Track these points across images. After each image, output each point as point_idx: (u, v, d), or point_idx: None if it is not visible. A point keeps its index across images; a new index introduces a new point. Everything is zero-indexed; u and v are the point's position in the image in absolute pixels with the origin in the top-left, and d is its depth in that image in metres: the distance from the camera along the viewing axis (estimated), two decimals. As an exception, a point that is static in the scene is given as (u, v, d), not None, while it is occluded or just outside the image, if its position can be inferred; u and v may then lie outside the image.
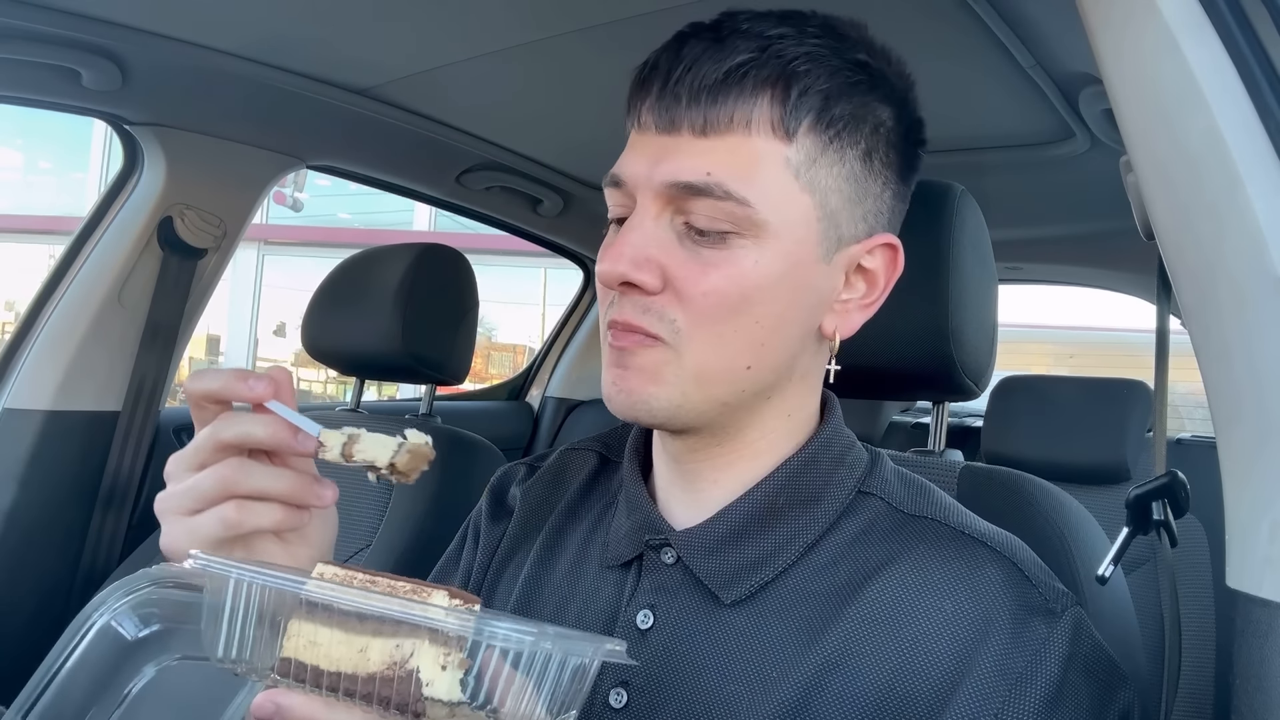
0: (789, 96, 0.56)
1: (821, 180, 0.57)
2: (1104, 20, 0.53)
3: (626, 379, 0.58)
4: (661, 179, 0.56)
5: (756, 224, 0.56)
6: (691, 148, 0.56)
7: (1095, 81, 1.17)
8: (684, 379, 0.57)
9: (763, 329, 0.58)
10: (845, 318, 0.62)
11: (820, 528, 0.61)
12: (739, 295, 0.56)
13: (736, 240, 0.56)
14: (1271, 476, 0.45)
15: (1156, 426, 0.68)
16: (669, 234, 0.57)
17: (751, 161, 0.56)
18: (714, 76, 0.55)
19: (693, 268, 0.56)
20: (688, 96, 0.56)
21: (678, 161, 0.56)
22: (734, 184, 0.55)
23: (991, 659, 0.54)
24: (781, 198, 0.56)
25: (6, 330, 6.90)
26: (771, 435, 0.63)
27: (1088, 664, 0.55)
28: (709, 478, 0.63)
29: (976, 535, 0.60)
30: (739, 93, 0.56)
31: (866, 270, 0.62)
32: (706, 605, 0.60)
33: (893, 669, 0.55)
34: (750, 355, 0.58)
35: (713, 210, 0.55)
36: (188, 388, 0.56)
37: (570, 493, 0.74)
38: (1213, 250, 0.47)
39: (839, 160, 0.58)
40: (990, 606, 0.56)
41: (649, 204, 0.57)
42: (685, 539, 0.62)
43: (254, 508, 0.55)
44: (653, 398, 0.58)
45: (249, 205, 1.63)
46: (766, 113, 0.56)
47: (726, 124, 0.56)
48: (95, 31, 1.17)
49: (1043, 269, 2.42)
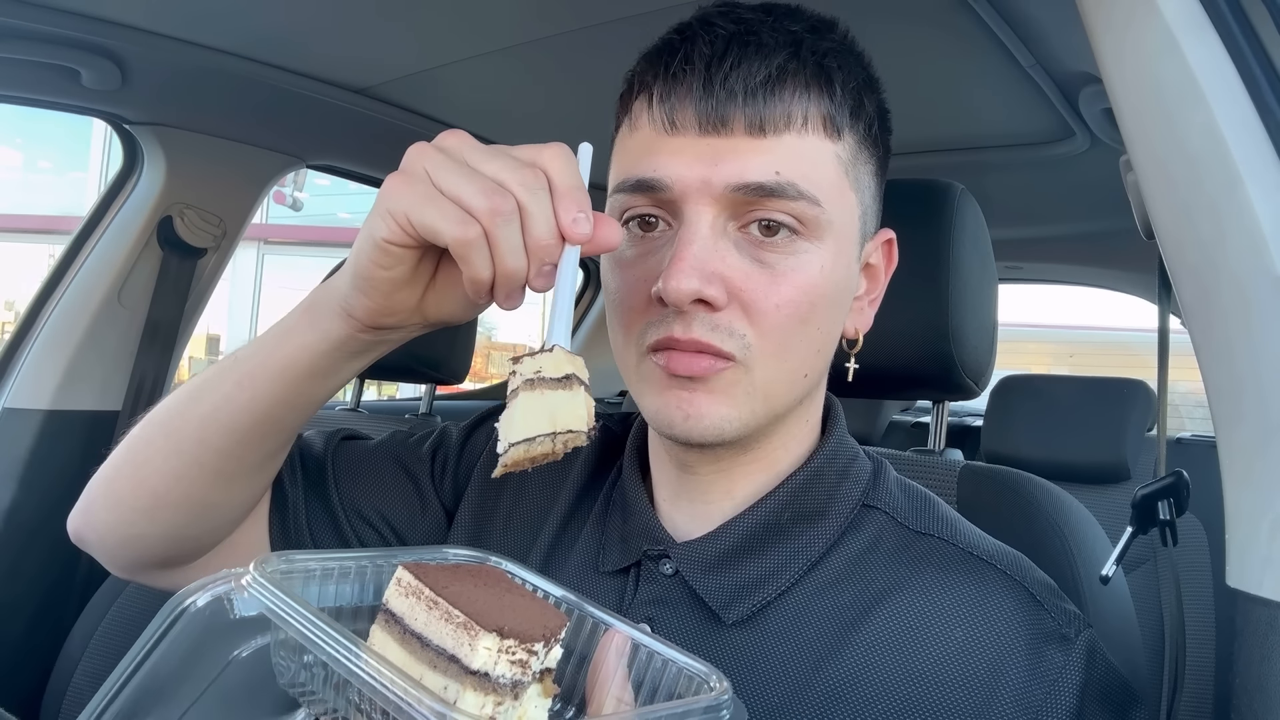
0: (834, 93, 0.54)
1: (861, 178, 0.57)
2: (1104, 20, 0.53)
3: (695, 403, 0.54)
4: (725, 181, 0.52)
5: (823, 225, 0.54)
6: (750, 147, 0.52)
7: (1095, 81, 1.16)
8: (755, 398, 0.55)
9: (822, 335, 0.56)
10: (860, 316, 0.62)
11: (824, 544, 0.59)
12: (809, 305, 0.54)
13: (802, 245, 0.54)
14: (1272, 476, 0.45)
15: (1159, 426, 0.68)
16: (727, 243, 0.53)
17: (812, 161, 0.53)
18: (764, 73, 0.52)
19: (760, 279, 0.53)
20: (744, 93, 0.52)
21: (739, 163, 0.52)
22: (804, 183, 0.52)
23: (1011, 693, 0.53)
24: (838, 197, 0.55)
25: (6, 330, 6.90)
26: (791, 443, 0.62)
27: (1102, 690, 0.54)
28: (723, 489, 0.61)
29: (984, 557, 0.58)
30: (792, 90, 0.53)
31: (871, 266, 0.62)
32: (707, 624, 0.58)
33: (903, 698, 0.54)
34: (809, 364, 0.56)
35: (782, 210, 0.52)
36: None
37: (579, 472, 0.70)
38: (1213, 249, 0.47)
39: (870, 157, 0.58)
40: (1004, 636, 0.54)
41: (704, 210, 0.53)
42: (685, 553, 0.60)
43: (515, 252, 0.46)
44: (725, 421, 0.54)
45: (249, 204, 1.63)
46: (818, 110, 0.54)
47: (784, 122, 0.53)
48: (95, 31, 1.17)
49: (1043, 268, 2.42)
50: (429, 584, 0.43)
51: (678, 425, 0.55)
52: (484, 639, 0.41)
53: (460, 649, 0.41)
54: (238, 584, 0.45)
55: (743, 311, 0.53)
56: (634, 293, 0.55)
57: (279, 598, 0.43)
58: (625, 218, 0.57)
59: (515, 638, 0.41)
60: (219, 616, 0.47)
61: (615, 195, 0.57)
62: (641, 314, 0.55)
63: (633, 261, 0.56)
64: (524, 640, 0.42)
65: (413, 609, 0.43)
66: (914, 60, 1.18)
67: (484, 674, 0.40)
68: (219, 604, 0.47)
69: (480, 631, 0.41)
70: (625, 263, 0.56)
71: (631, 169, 0.55)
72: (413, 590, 0.44)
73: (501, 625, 0.41)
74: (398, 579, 0.44)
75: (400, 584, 0.44)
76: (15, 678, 1.42)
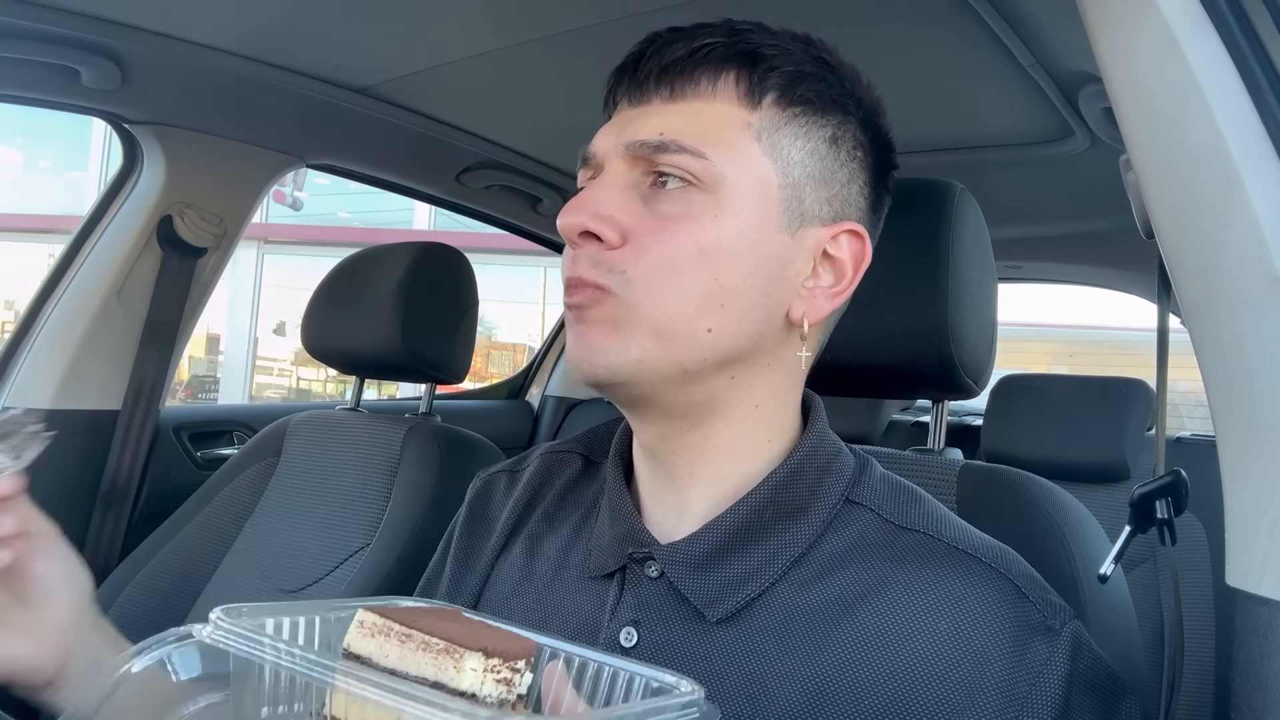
0: (755, 70, 0.59)
1: (784, 148, 0.59)
2: (1104, 19, 0.53)
3: (586, 334, 0.58)
4: (624, 140, 0.59)
5: (714, 178, 0.57)
6: (657, 111, 0.59)
7: (1095, 80, 1.17)
8: (643, 332, 0.57)
9: (721, 288, 0.57)
10: (812, 303, 0.61)
11: (807, 540, 0.60)
12: (696, 249, 0.57)
13: (695, 196, 0.57)
14: (1271, 474, 0.45)
15: (1158, 425, 0.68)
16: (633, 195, 0.59)
17: (712, 122, 0.58)
18: (684, 51, 0.59)
19: (650, 221, 0.58)
20: (659, 69, 0.59)
21: (641, 125, 0.59)
22: (689, 140, 0.57)
23: (995, 685, 0.53)
24: (741, 156, 0.58)
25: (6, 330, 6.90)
26: (741, 426, 0.61)
27: (1089, 680, 0.54)
28: (684, 472, 0.62)
29: (969, 550, 0.58)
30: (706, 65, 0.59)
31: (834, 258, 0.61)
32: (692, 623, 0.59)
33: (888, 693, 0.54)
34: (710, 316, 0.57)
35: (671, 164, 0.57)
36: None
37: (550, 497, 0.72)
38: (1213, 248, 0.47)
39: (803, 134, 0.60)
40: (988, 629, 0.54)
41: (616, 168, 0.59)
42: (669, 554, 0.60)
43: None
44: (612, 351, 0.57)
45: (249, 204, 1.63)
46: (732, 83, 0.59)
47: (693, 89, 0.59)
48: (94, 30, 1.17)
49: (1043, 267, 2.42)
50: (398, 620, 0.43)
51: (579, 360, 0.59)
52: (469, 659, 0.41)
53: (444, 674, 0.41)
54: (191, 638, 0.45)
55: (632, 251, 0.57)
56: (563, 230, 0.60)
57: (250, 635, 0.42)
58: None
59: (499, 656, 0.41)
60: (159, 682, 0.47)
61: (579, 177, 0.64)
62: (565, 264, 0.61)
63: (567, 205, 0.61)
64: (507, 659, 0.42)
65: (382, 648, 0.43)
66: (914, 60, 1.18)
67: (471, 694, 0.40)
68: (159, 668, 0.46)
69: (464, 652, 0.41)
70: (564, 208, 0.62)
71: None
72: (379, 629, 0.43)
73: (484, 646, 0.41)
74: (359, 621, 0.44)
75: (364, 625, 0.44)
76: (15, 677, 1.42)
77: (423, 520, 1.36)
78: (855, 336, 0.66)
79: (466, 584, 0.72)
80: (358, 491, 1.42)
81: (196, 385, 10.05)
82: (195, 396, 10.06)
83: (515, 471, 0.77)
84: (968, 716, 0.52)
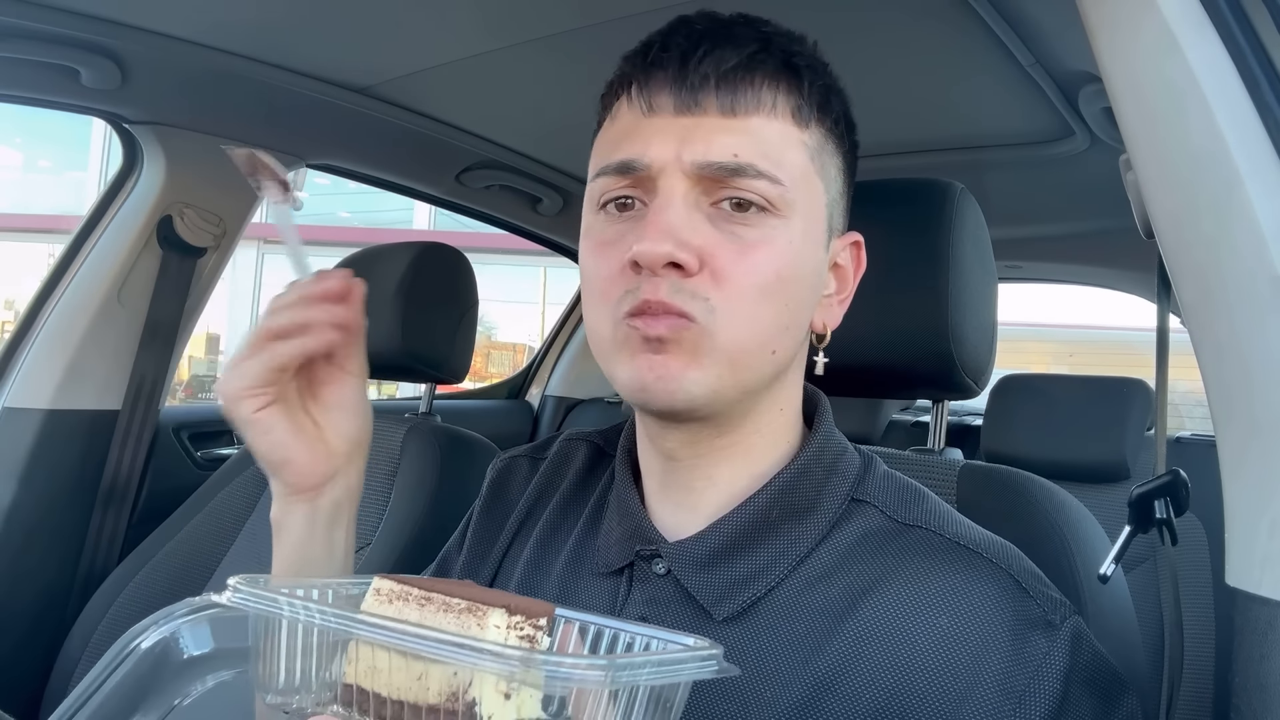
0: (803, 85, 0.58)
1: (828, 168, 0.60)
2: (1104, 19, 0.53)
3: (666, 364, 0.56)
4: (692, 159, 0.55)
5: (788, 203, 0.57)
6: (719, 127, 0.56)
7: (1095, 80, 1.17)
8: (720, 361, 0.56)
9: (790, 312, 0.58)
10: (829, 312, 0.64)
11: (813, 540, 0.60)
12: (775, 275, 0.56)
13: (771, 220, 0.56)
14: (1271, 474, 0.45)
15: (1157, 425, 0.68)
16: (698, 216, 0.56)
17: (777, 142, 0.57)
18: (736, 59, 0.56)
19: (730, 248, 0.56)
20: (716, 77, 0.56)
21: (707, 142, 0.55)
22: (765, 163, 0.56)
23: (994, 678, 0.53)
24: (803, 179, 0.58)
25: (6, 329, 6.90)
26: (766, 430, 0.62)
27: (1089, 675, 0.54)
28: (704, 474, 0.62)
29: (971, 545, 0.59)
30: (763, 77, 0.57)
31: (840, 267, 0.64)
32: (699, 620, 0.59)
33: (890, 687, 0.54)
34: (777, 339, 0.58)
35: (747, 189, 0.56)
36: None
37: (564, 486, 0.73)
38: (1212, 248, 0.47)
39: (836, 153, 0.61)
40: (988, 623, 0.55)
41: (677, 185, 0.56)
42: (676, 551, 0.61)
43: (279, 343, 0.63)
44: (693, 383, 0.56)
45: (248, 204, 1.63)
46: (786, 97, 0.58)
47: (754, 105, 0.57)
48: (94, 30, 1.17)
49: (1042, 267, 2.42)
50: (416, 584, 0.44)
51: (650, 387, 0.56)
52: (493, 616, 0.41)
53: (468, 632, 0.41)
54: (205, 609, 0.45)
55: (712, 278, 0.56)
56: (612, 266, 0.58)
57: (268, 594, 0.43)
58: (603, 200, 0.59)
59: (522, 614, 0.42)
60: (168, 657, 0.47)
61: (595, 180, 0.60)
62: (617, 284, 0.58)
63: (611, 240, 0.58)
64: (529, 616, 0.42)
65: (401, 612, 0.43)
66: (914, 59, 1.18)
67: None
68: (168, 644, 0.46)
69: (488, 609, 0.41)
70: (604, 242, 0.59)
71: (611, 153, 0.58)
72: (398, 595, 0.44)
73: (506, 604, 0.42)
74: (376, 589, 0.44)
75: (380, 593, 0.44)
76: (15, 678, 1.42)
77: (423, 520, 1.36)
78: (855, 336, 0.66)
79: (483, 567, 0.73)
80: (358, 491, 1.41)
81: (196, 385, 10.05)
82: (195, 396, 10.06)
83: (537, 458, 0.78)
84: (966, 709, 0.52)
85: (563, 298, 2.64)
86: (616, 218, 0.59)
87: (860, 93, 0.64)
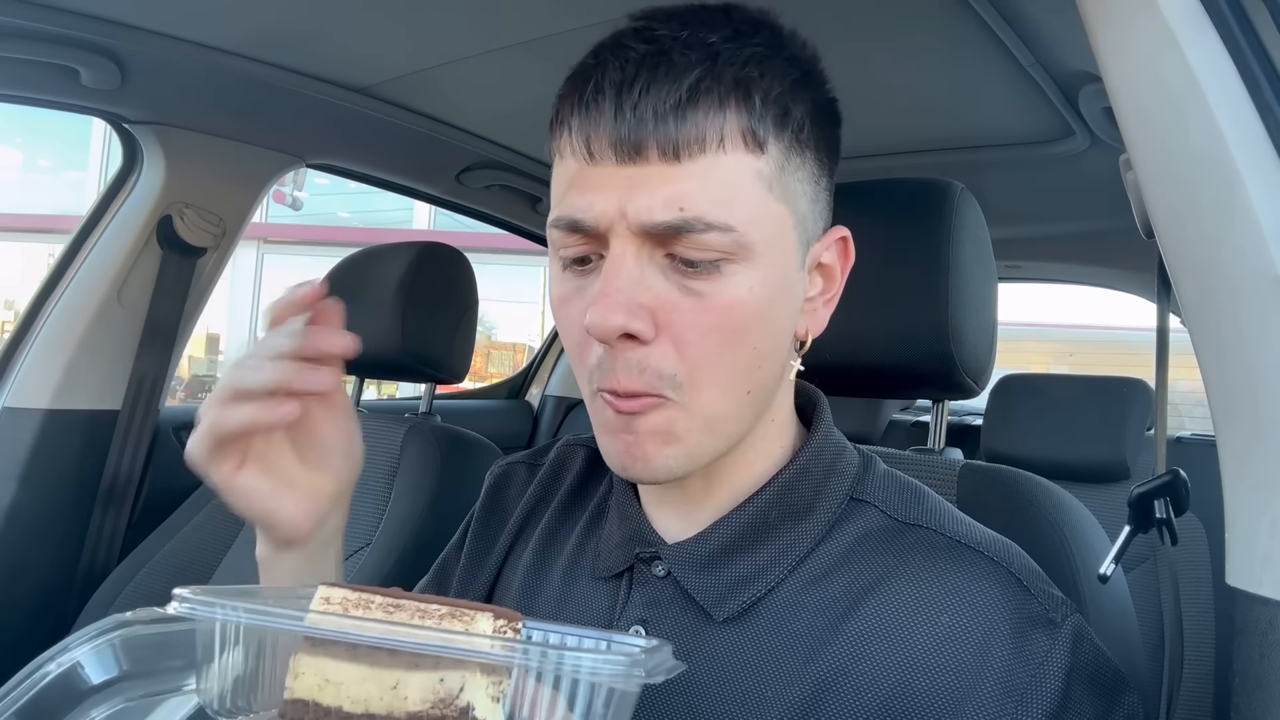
0: (753, 106, 0.53)
1: (791, 187, 0.55)
2: (1104, 18, 0.53)
3: (641, 445, 0.55)
4: (637, 219, 0.51)
5: (744, 246, 0.52)
6: (661, 176, 0.51)
7: (1095, 79, 1.17)
8: (695, 430, 0.55)
9: (759, 352, 0.56)
10: (813, 317, 0.61)
11: (813, 540, 0.60)
12: (738, 327, 0.54)
13: (728, 268, 0.53)
14: (1271, 474, 0.45)
15: (1158, 425, 0.68)
16: (653, 271, 0.53)
17: (727, 184, 0.52)
18: (674, 96, 0.51)
19: (686, 307, 0.53)
20: (654, 119, 0.51)
21: (649, 196, 0.51)
22: (714, 211, 0.51)
23: (995, 676, 0.53)
24: (761, 215, 0.53)
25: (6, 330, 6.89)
26: (760, 441, 0.62)
27: (1090, 673, 0.54)
28: (701, 490, 0.62)
29: (972, 544, 0.59)
30: (705, 109, 0.51)
31: (824, 265, 0.61)
32: (698, 622, 0.59)
33: (891, 687, 0.54)
34: (749, 380, 0.56)
35: (697, 244, 0.52)
36: None
37: (564, 490, 0.73)
38: (1212, 248, 0.47)
39: (801, 164, 0.56)
40: (989, 621, 0.55)
41: (627, 243, 0.52)
42: (675, 553, 0.61)
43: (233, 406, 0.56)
44: (671, 459, 0.55)
45: (248, 204, 1.63)
46: (735, 125, 0.52)
47: (699, 144, 0.51)
48: (94, 30, 1.17)
49: (1042, 267, 2.42)
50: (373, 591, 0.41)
51: (629, 468, 0.56)
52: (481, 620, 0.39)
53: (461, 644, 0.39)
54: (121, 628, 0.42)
55: (673, 345, 0.53)
56: (576, 329, 0.55)
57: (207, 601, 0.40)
58: (560, 257, 0.56)
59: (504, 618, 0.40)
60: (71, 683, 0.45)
61: (550, 229, 0.56)
62: (585, 350, 0.56)
63: (570, 298, 0.56)
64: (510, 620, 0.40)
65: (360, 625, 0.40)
66: (913, 59, 1.18)
67: None
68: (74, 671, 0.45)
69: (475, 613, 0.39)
70: (565, 300, 0.57)
71: (559, 205, 0.55)
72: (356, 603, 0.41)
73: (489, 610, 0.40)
74: (325, 598, 0.41)
75: (331, 601, 0.41)
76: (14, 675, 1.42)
77: (423, 520, 1.36)
78: (855, 337, 0.66)
79: (480, 573, 0.73)
80: (357, 491, 1.40)
81: (196, 385, 10.04)
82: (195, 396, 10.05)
83: (534, 465, 0.77)
84: (967, 708, 0.52)
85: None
86: (578, 271, 0.56)
87: (860, 93, 0.64)
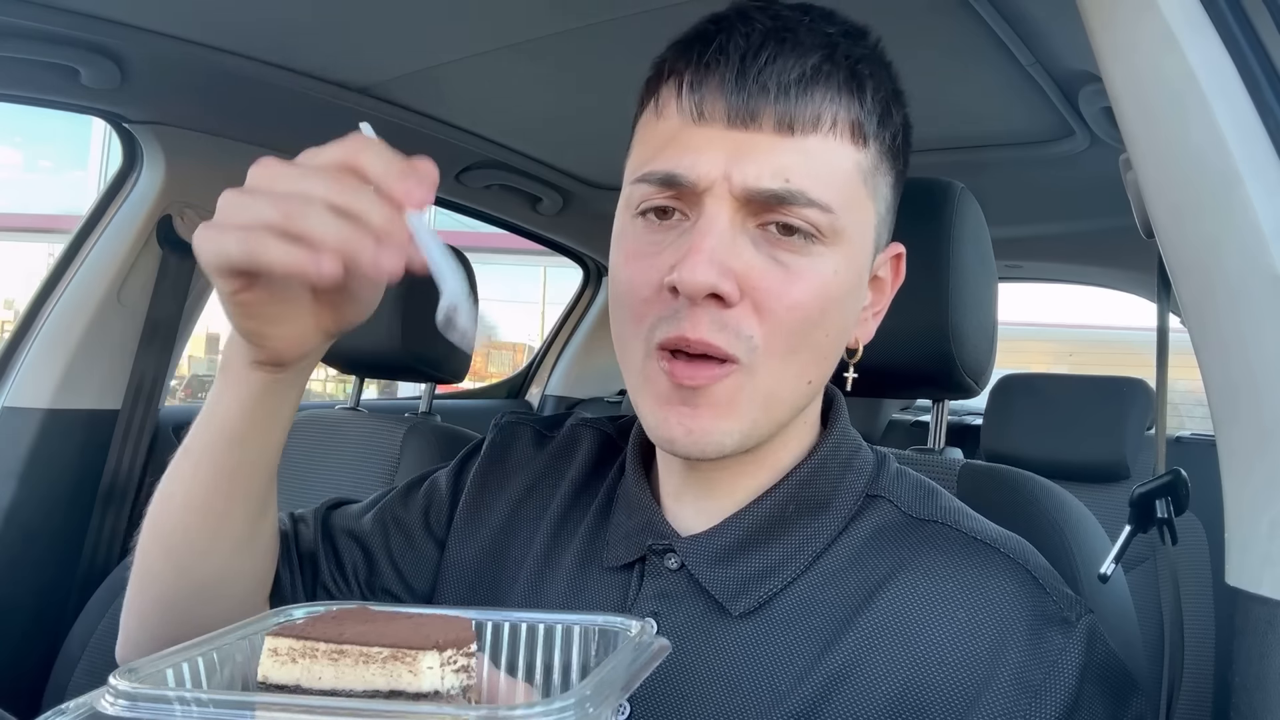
0: (864, 100, 0.54)
1: (880, 189, 0.57)
2: (1104, 18, 0.53)
3: (697, 418, 0.54)
4: (742, 183, 0.52)
5: (836, 230, 0.53)
6: (771, 146, 0.52)
7: (1095, 79, 1.16)
8: (755, 406, 0.54)
9: (829, 341, 0.56)
10: (865, 327, 0.62)
11: (829, 535, 0.60)
12: (819, 308, 0.54)
13: (817, 248, 0.53)
14: (1271, 474, 0.45)
15: (1158, 425, 0.68)
16: (744, 239, 0.53)
17: (831, 167, 0.53)
18: (798, 70, 0.52)
19: (775, 278, 0.53)
20: (776, 89, 0.52)
21: (757, 164, 0.52)
22: (817, 189, 0.52)
23: (1010, 672, 0.53)
24: (855, 204, 0.55)
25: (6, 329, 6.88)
26: (790, 439, 0.62)
27: (1102, 673, 0.55)
28: (727, 485, 0.61)
29: (987, 541, 0.59)
30: (824, 91, 0.53)
31: (878, 279, 0.62)
32: (712, 615, 0.59)
33: (905, 680, 0.54)
34: (814, 369, 0.56)
35: (796, 216, 0.52)
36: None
37: (575, 474, 0.71)
38: (1212, 248, 0.47)
39: (891, 169, 0.58)
40: (1005, 617, 0.55)
41: (723, 206, 0.52)
42: (691, 546, 0.60)
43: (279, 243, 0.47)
44: (726, 435, 0.54)
45: (248, 204, 1.62)
46: (847, 114, 0.54)
47: (813, 123, 0.52)
48: (94, 29, 1.17)
49: (1043, 267, 2.42)
50: (320, 637, 0.39)
51: (679, 441, 0.55)
52: (424, 659, 0.38)
53: (399, 680, 0.38)
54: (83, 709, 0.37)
55: (754, 310, 0.53)
56: (646, 284, 0.54)
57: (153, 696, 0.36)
58: (641, 207, 0.56)
59: (452, 647, 0.39)
60: None
61: (635, 185, 0.56)
62: (652, 306, 0.54)
63: (647, 252, 0.55)
64: (459, 647, 0.40)
65: (310, 671, 0.39)
66: (913, 59, 1.17)
67: (434, 693, 0.38)
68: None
69: (417, 654, 0.38)
70: (638, 253, 0.56)
71: (654, 160, 0.54)
72: (302, 652, 0.39)
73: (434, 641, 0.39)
74: (272, 650, 0.39)
75: (278, 654, 0.39)
76: (15, 677, 1.42)
77: (423, 520, 1.36)
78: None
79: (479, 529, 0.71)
80: (357, 491, 1.41)
81: (196, 385, 10.05)
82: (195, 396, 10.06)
83: (544, 434, 0.75)
84: (982, 702, 0.52)
85: (563, 297, 2.64)
86: (655, 226, 0.55)
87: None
